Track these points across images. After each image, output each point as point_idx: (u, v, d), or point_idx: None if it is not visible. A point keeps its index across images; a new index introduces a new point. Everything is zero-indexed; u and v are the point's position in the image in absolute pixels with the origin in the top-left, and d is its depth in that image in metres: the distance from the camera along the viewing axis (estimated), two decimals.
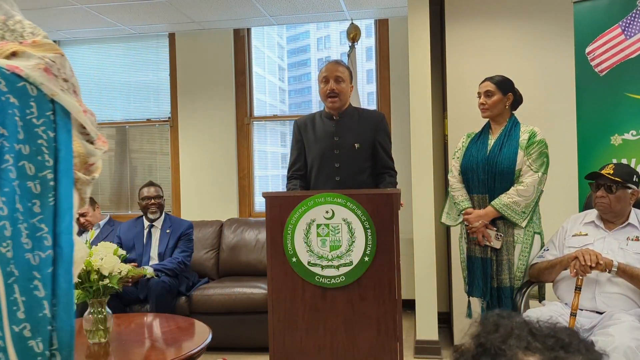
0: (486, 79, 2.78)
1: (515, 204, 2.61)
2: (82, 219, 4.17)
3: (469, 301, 2.91)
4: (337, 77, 2.74)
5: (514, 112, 2.80)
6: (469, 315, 2.90)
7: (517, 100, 2.80)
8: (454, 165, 2.88)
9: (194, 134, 4.91)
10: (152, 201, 3.89)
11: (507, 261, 2.65)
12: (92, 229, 4.17)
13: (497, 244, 2.66)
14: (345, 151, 2.78)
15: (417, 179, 3.53)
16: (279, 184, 5.10)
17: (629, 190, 2.47)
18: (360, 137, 2.74)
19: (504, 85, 2.75)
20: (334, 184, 2.76)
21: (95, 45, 5.13)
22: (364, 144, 2.78)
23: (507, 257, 2.66)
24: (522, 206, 2.61)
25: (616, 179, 2.43)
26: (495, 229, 2.67)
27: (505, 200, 2.62)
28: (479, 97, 2.78)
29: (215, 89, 4.85)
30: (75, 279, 1.10)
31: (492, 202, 2.65)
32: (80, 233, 4.23)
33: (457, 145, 2.91)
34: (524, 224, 2.63)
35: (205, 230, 4.39)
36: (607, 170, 2.47)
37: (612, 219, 2.50)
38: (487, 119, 2.82)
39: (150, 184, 4.00)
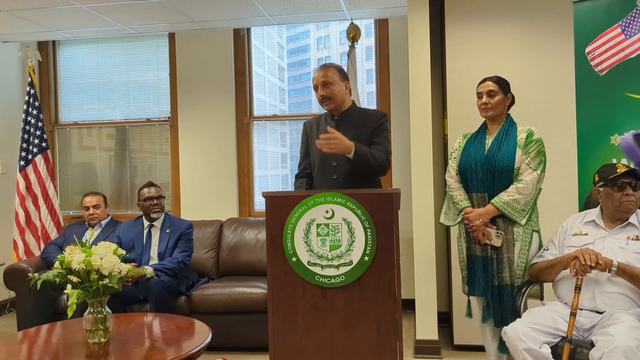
0: (486, 79, 2.78)
1: (515, 202, 2.62)
2: (92, 210, 4.16)
3: (468, 300, 2.91)
4: (324, 82, 2.82)
5: (508, 112, 2.81)
6: (469, 314, 2.90)
7: (513, 100, 2.82)
8: (451, 165, 2.88)
9: (194, 133, 4.91)
10: (155, 201, 3.89)
11: (508, 259, 2.66)
12: (93, 228, 4.16)
13: (497, 242, 2.66)
14: None
15: (417, 179, 3.53)
16: (279, 184, 5.10)
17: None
18: (357, 136, 2.75)
19: (505, 85, 2.76)
20: (331, 182, 2.80)
21: (95, 44, 5.13)
22: (361, 143, 2.79)
23: (508, 255, 2.66)
24: (522, 204, 2.62)
25: None
26: (495, 227, 2.68)
27: (505, 198, 2.63)
28: (480, 97, 2.78)
29: (215, 89, 4.86)
30: None
31: (492, 200, 2.65)
32: (84, 229, 4.22)
33: (454, 146, 2.92)
34: (523, 222, 2.64)
35: (205, 230, 4.39)
36: (624, 169, 2.46)
37: (628, 219, 2.50)
38: (484, 119, 2.83)
39: (150, 184, 3.98)
